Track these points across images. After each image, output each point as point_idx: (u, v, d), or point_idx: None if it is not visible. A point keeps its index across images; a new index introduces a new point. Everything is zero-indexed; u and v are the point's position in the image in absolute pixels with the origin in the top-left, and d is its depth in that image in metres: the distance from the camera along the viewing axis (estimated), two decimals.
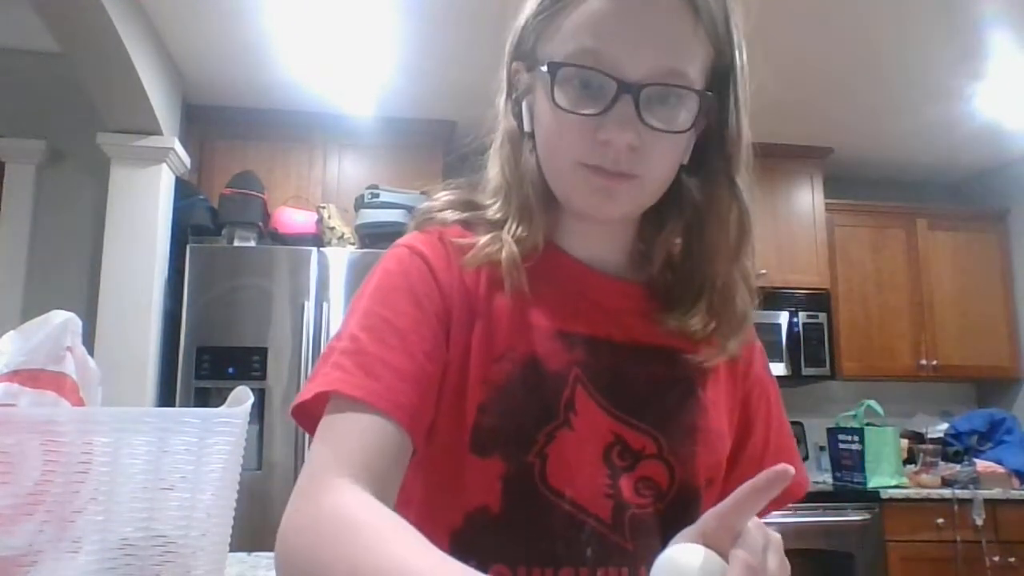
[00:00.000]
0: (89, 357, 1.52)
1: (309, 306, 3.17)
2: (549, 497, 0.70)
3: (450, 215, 0.79)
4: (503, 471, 0.70)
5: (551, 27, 0.71)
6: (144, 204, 3.19)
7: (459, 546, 0.70)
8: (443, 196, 0.81)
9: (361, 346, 0.68)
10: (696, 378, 0.77)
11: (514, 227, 0.74)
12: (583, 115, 0.68)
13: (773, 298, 3.92)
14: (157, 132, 3.18)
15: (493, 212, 0.76)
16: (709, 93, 0.72)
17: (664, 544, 0.65)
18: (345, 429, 0.65)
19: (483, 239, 0.74)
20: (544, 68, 0.70)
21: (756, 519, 0.54)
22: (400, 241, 0.77)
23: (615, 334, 0.76)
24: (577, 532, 0.69)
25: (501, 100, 0.78)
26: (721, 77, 0.74)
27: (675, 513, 0.73)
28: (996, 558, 3.44)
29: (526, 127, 0.75)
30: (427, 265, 0.73)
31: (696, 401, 0.77)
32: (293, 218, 3.40)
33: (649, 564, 0.60)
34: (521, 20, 0.76)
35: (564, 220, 0.77)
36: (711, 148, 0.76)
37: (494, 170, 0.79)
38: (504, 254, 0.72)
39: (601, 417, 0.73)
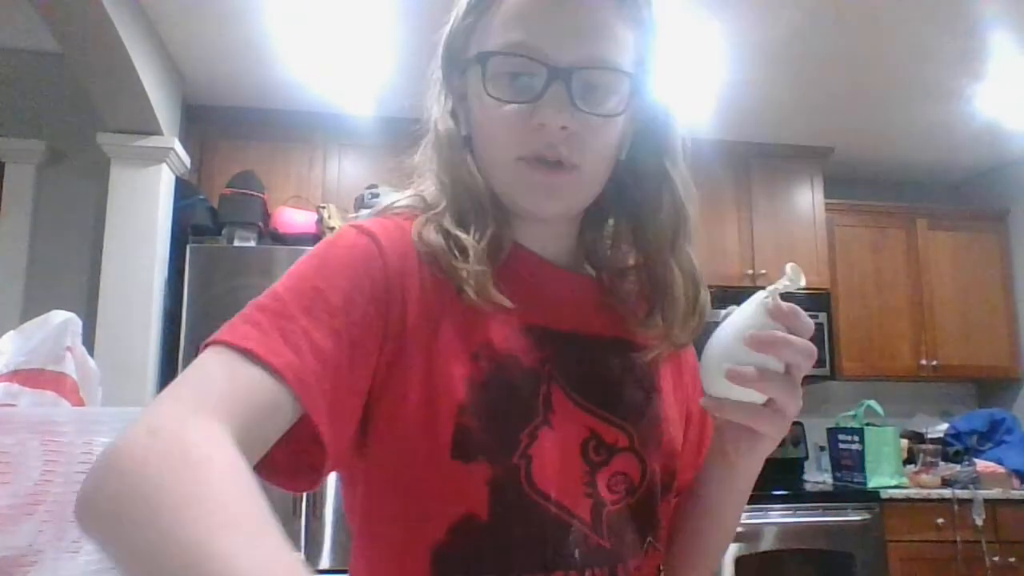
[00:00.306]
0: (89, 357, 1.52)
1: None
2: (536, 500, 0.67)
3: (413, 209, 0.76)
4: (489, 475, 0.66)
5: (479, 26, 0.72)
6: (144, 204, 3.19)
7: (442, 562, 0.66)
8: (402, 197, 0.78)
9: (285, 309, 0.61)
10: (653, 368, 0.78)
11: (476, 233, 0.71)
12: (516, 104, 0.69)
13: None
14: (157, 132, 3.18)
15: (449, 219, 0.73)
16: (636, 78, 0.73)
17: (635, 537, 0.72)
18: (232, 377, 0.56)
19: (440, 242, 0.70)
20: (476, 62, 0.71)
21: None
22: (351, 222, 0.72)
23: (579, 327, 0.76)
24: (564, 535, 0.68)
25: (436, 106, 0.77)
26: (646, 64, 0.75)
27: (644, 507, 0.74)
28: (996, 558, 3.45)
29: (463, 131, 0.75)
30: (377, 248, 0.68)
31: (657, 391, 0.78)
32: (293, 218, 3.40)
33: (624, 561, 0.70)
34: (450, 25, 0.76)
35: (513, 217, 0.76)
36: (644, 140, 0.76)
37: (434, 177, 0.76)
38: (471, 267, 0.68)
39: (576, 412, 0.72)
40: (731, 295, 0.69)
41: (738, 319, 0.65)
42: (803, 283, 0.66)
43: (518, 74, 0.69)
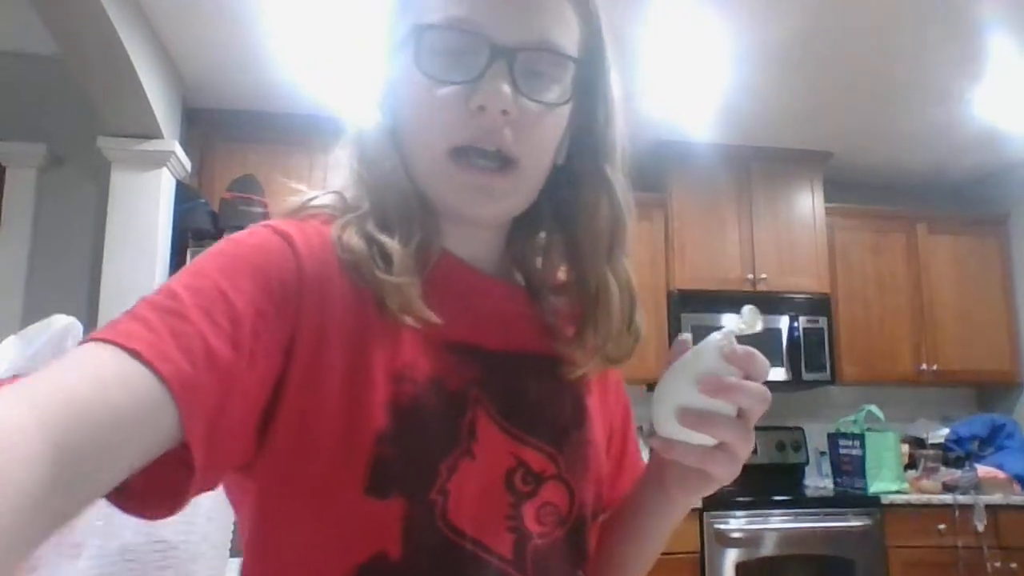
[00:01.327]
0: None
1: None
2: (451, 537, 0.61)
3: (333, 210, 0.68)
4: (404, 512, 0.59)
5: (414, 7, 0.66)
6: (145, 208, 3.19)
7: None
8: (320, 194, 0.71)
9: (181, 308, 0.53)
10: (581, 387, 0.73)
11: (402, 239, 0.64)
12: (453, 84, 0.62)
13: (773, 302, 3.91)
14: (158, 136, 3.18)
15: (372, 223, 0.65)
16: (582, 66, 0.67)
17: (564, 570, 0.69)
18: (96, 377, 0.47)
19: (363, 248, 0.63)
20: (411, 37, 0.64)
21: None
22: (264, 222, 0.65)
23: (506, 343, 0.70)
24: (480, 573, 0.62)
25: (363, 94, 0.71)
26: (593, 59, 0.69)
27: (574, 538, 0.69)
28: (997, 564, 3.44)
29: (389, 122, 0.68)
30: (292, 250, 0.61)
31: (584, 412, 0.73)
32: None
33: None
34: (382, 11, 0.70)
35: (441, 221, 0.69)
36: (583, 145, 0.71)
37: (355, 174, 0.69)
38: (396, 278, 0.62)
39: (502, 439, 0.66)
40: (731, 298, 0.66)
41: (693, 361, 0.62)
42: (759, 327, 0.63)
43: (457, 52, 0.63)
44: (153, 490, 0.52)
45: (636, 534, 0.77)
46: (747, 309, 0.63)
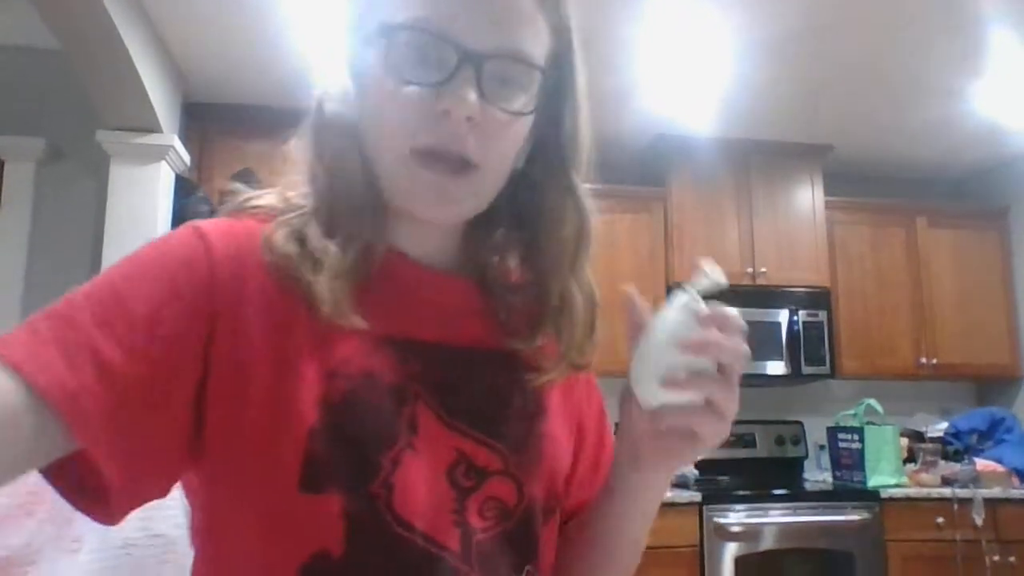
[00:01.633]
0: None
1: None
2: (400, 532, 0.60)
3: (272, 210, 0.68)
4: (343, 507, 0.59)
5: (383, 2, 0.65)
6: (144, 202, 3.19)
7: None
8: (263, 193, 0.71)
9: (75, 316, 0.54)
10: (536, 382, 0.72)
11: (344, 240, 0.64)
12: (419, 86, 0.62)
13: (773, 296, 3.92)
14: (157, 129, 3.18)
15: (314, 223, 0.65)
16: (541, 68, 0.66)
17: (509, 566, 0.68)
18: None
19: (292, 250, 0.63)
20: (379, 36, 0.63)
21: None
22: (192, 221, 0.65)
23: (452, 338, 0.69)
24: (433, 569, 0.61)
25: (327, 83, 0.70)
26: (562, 68, 0.69)
27: (520, 533, 0.68)
28: (996, 557, 3.44)
29: (351, 115, 0.67)
30: (206, 250, 0.61)
31: (538, 407, 0.72)
32: None
33: None
34: (350, 12, 0.70)
35: (393, 217, 0.68)
36: (548, 150, 0.70)
37: (308, 168, 0.69)
38: (326, 282, 0.61)
39: (443, 433, 0.65)
40: (731, 292, 0.65)
41: (666, 326, 0.62)
42: (724, 281, 0.63)
43: (426, 54, 0.62)
44: (84, 497, 0.56)
45: (614, 522, 0.75)
46: (708, 265, 0.63)
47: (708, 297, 0.63)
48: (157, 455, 0.58)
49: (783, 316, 3.92)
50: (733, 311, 0.61)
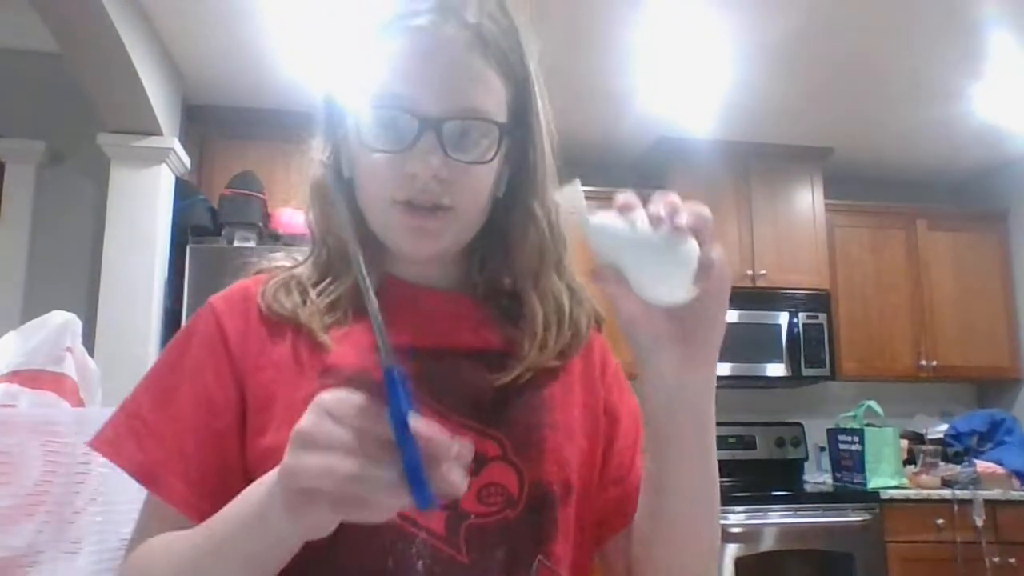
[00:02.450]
0: (89, 357, 1.52)
1: None
2: None
3: (283, 265, 0.82)
4: None
5: (357, 75, 0.74)
6: (144, 204, 3.19)
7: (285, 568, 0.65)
8: (281, 258, 0.84)
9: (140, 410, 0.74)
10: (539, 376, 0.77)
11: (334, 289, 0.77)
12: (390, 153, 0.71)
13: (773, 298, 3.92)
14: (157, 132, 3.18)
15: (308, 274, 0.79)
16: (506, 125, 0.75)
17: (514, 553, 0.69)
18: (143, 512, 0.74)
19: (280, 307, 0.76)
20: (352, 110, 0.73)
21: None
22: (212, 297, 0.80)
23: (448, 342, 0.76)
24: (407, 546, 0.67)
25: (316, 151, 0.80)
26: (520, 110, 0.77)
27: (530, 518, 0.71)
28: (996, 559, 3.44)
29: (344, 172, 0.77)
30: (216, 323, 0.76)
31: (540, 398, 0.76)
32: (293, 219, 3.40)
33: (486, 574, 0.68)
34: (337, 81, 0.80)
35: (391, 254, 0.79)
36: (516, 180, 0.79)
37: (308, 227, 0.82)
38: (302, 315, 0.74)
39: (438, 422, 0.67)
40: (731, 295, 0.64)
41: (625, 228, 0.60)
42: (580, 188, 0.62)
43: (392, 124, 0.71)
44: None
45: (661, 478, 0.72)
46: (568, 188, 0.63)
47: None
48: (222, 490, 0.69)
49: (783, 318, 3.92)
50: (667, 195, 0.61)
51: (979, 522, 3.44)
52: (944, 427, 4.02)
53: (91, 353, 1.66)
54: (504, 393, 0.75)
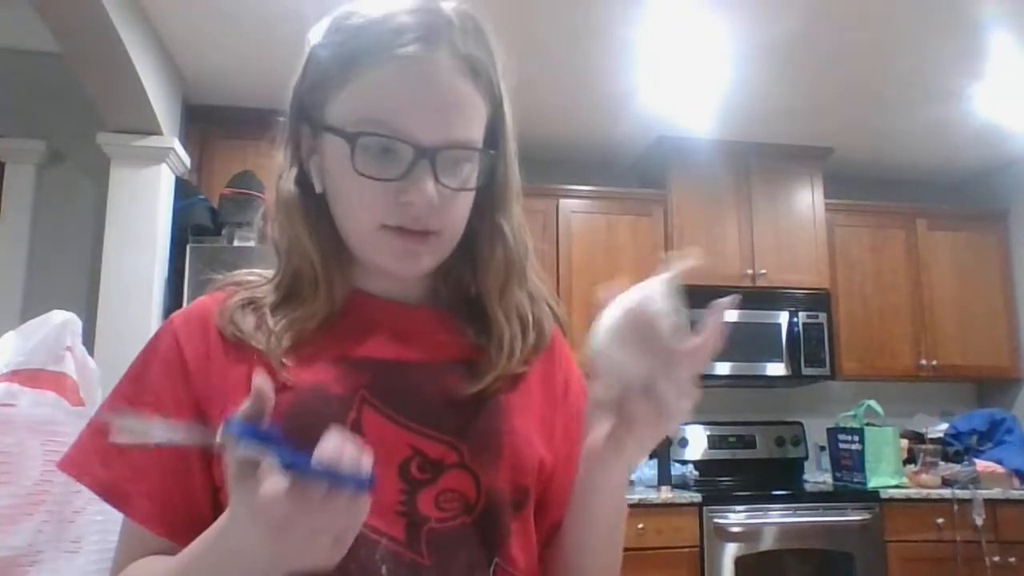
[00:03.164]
0: (89, 357, 1.52)
1: None
2: None
3: (248, 285, 0.82)
4: None
5: (341, 94, 0.74)
6: (144, 204, 3.19)
7: None
8: (245, 273, 0.84)
9: (104, 426, 0.74)
10: (500, 384, 0.78)
11: (299, 309, 0.77)
12: (384, 180, 0.71)
13: (773, 298, 3.92)
14: (157, 132, 3.18)
15: (273, 293, 0.79)
16: (492, 152, 0.77)
17: (473, 556, 0.72)
18: (121, 535, 0.74)
19: (233, 327, 0.76)
20: (342, 137, 0.72)
21: None
22: (173, 315, 0.81)
23: (406, 354, 0.77)
24: (371, 552, 0.68)
25: (283, 165, 0.82)
26: (495, 129, 0.79)
27: (486, 524, 0.73)
28: (996, 558, 3.44)
29: (317, 188, 0.78)
30: (176, 345, 0.76)
31: (498, 404, 0.77)
32: None
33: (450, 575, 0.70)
34: (303, 83, 0.80)
35: (362, 269, 0.80)
36: (485, 196, 0.80)
37: (273, 240, 0.82)
38: (260, 339, 0.74)
39: (394, 432, 0.72)
40: (730, 294, 0.64)
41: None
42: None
43: (385, 152, 0.71)
44: None
45: (584, 513, 0.77)
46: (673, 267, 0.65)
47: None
48: (187, 509, 0.72)
49: (783, 318, 3.92)
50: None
51: (979, 521, 3.44)
52: (944, 426, 4.02)
53: (91, 353, 1.66)
54: (463, 401, 0.76)
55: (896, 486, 3.59)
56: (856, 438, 3.72)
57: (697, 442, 4.02)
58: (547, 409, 0.83)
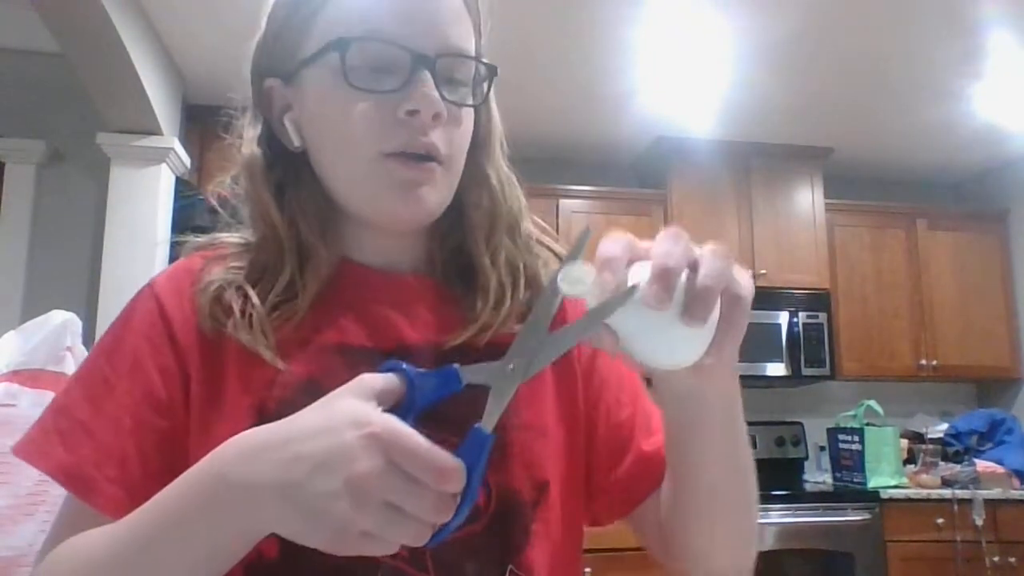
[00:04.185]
0: None
1: None
2: None
3: (234, 247, 0.75)
4: None
5: (318, 23, 0.67)
6: (144, 204, 3.19)
7: None
8: (232, 236, 0.77)
9: (70, 404, 0.66)
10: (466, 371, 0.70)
11: (268, 282, 0.69)
12: (382, 92, 0.65)
13: (773, 298, 3.92)
14: (157, 132, 3.18)
15: (247, 265, 0.71)
16: (491, 65, 0.71)
17: (483, 566, 0.65)
18: (62, 513, 0.66)
19: (213, 302, 0.68)
20: (331, 50, 0.65)
21: None
22: (154, 276, 0.74)
23: (408, 339, 0.70)
24: (370, 572, 0.61)
25: (247, 131, 0.76)
26: (479, 56, 0.73)
27: (498, 530, 0.66)
28: (996, 558, 3.44)
29: (295, 143, 0.71)
30: (159, 310, 0.69)
31: (472, 395, 0.68)
32: None
33: None
34: (265, 34, 0.73)
35: (351, 232, 0.73)
36: (470, 144, 0.74)
37: (247, 215, 0.75)
38: (249, 330, 0.66)
39: None
40: None
41: (622, 300, 0.52)
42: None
43: (379, 64, 0.65)
44: None
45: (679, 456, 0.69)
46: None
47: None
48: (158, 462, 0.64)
49: (783, 318, 3.92)
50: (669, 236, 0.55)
51: (979, 521, 3.44)
52: (944, 427, 4.01)
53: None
54: (464, 395, 0.67)
55: (896, 486, 3.59)
56: (856, 438, 3.72)
57: None
58: (567, 379, 0.75)
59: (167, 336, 0.67)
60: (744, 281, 0.57)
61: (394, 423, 0.49)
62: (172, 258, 3.59)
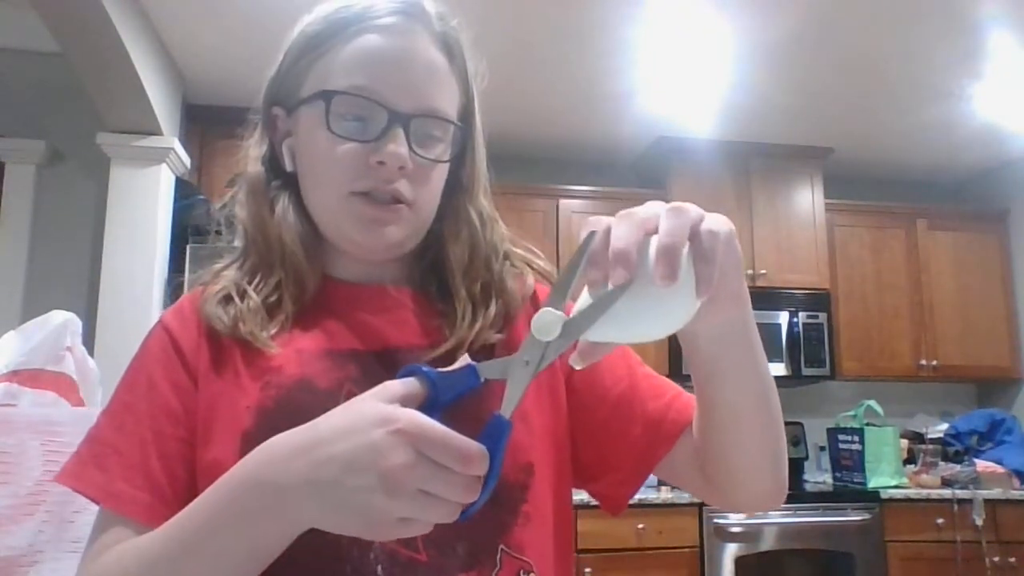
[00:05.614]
0: (89, 357, 1.52)
1: None
2: None
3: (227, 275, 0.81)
4: None
5: (317, 69, 0.76)
6: (144, 204, 3.19)
7: None
8: (225, 262, 0.83)
9: (99, 433, 0.73)
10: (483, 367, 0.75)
11: (264, 287, 0.76)
12: (358, 142, 0.73)
13: (773, 298, 3.92)
14: (157, 132, 3.18)
15: (242, 275, 0.78)
16: (464, 127, 0.79)
17: (474, 547, 0.69)
18: (97, 526, 0.71)
19: (218, 313, 0.74)
20: (318, 98, 0.74)
21: None
22: (163, 313, 0.81)
23: (392, 343, 0.76)
24: (364, 552, 0.66)
25: (252, 149, 0.82)
26: (466, 117, 0.80)
27: (488, 509, 0.67)
28: (996, 558, 3.45)
29: (288, 167, 0.79)
30: (169, 337, 0.76)
31: (485, 390, 0.72)
32: None
33: (448, 574, 0.68)
34: (279, 67, 0.81)
35: (331, 252, 0.79)
36: (453, 183, 0.81)
37: (241, 223, 0.81)
38: (247, 330, 0.73)
39: None
40: None
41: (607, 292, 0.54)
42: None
43: (359, 116, 0.73)
44: None
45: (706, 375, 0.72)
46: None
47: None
48: (188, 499, 0.67)
49: (783, 318, 3.92)
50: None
51: (979, 521, 3.44)
52: (944, 426, 4.02)
53: (91, 353, 1.66)
54: (483, 394, 0.72)
55: (896, 486, 3.59)
56: (856, 438, 3.72)
57: None
58: (545, 370, 0.78)
59: (177, 357, 0.75)
60: (714, 217, 0.57)
61: (418, 417, 0.53)
62: (172, 257, 3.57)
